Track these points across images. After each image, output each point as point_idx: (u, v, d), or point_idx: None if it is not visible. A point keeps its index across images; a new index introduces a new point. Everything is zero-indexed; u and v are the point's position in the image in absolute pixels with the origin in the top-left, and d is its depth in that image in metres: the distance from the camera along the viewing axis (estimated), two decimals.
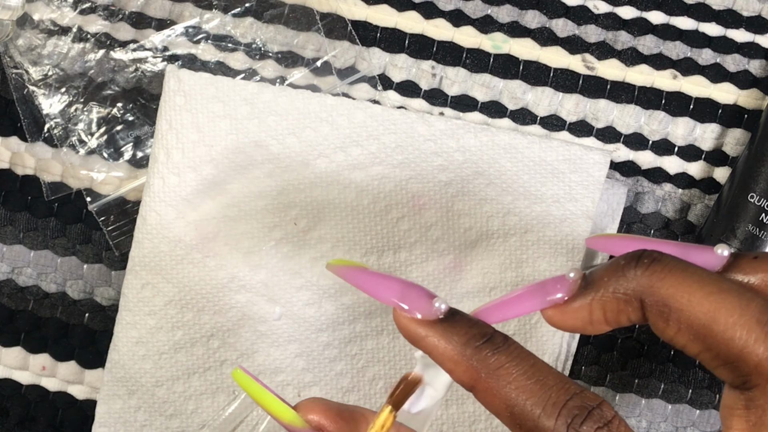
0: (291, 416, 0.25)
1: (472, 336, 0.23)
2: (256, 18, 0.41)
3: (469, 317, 0.24)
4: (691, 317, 0.22)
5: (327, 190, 0.39)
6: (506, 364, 0.23)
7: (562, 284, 0.24)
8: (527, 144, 0.39)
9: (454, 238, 0.39)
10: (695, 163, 0.41)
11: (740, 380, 0.22)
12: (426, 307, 0.24)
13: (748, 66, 0.41)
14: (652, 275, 0.23)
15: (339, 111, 0.39)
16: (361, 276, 0.25)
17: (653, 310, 0.23)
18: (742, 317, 0.22)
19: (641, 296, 0.23)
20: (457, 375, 0.24)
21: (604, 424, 0.22)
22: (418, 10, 0.41)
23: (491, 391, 0.23)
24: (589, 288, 0.24)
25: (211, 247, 0.39)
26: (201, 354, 0.39)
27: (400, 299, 0.24)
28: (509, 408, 0.22)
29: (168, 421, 0.39)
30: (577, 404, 0.22)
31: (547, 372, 0.23)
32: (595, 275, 0.24)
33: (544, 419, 0.22)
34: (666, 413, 0.41)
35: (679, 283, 0.22)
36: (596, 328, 0.24)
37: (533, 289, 0.25)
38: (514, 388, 0.22)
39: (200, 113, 0.38)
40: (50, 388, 0.41)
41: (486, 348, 0.23)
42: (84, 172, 0.40)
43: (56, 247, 0.41)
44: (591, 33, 0.41)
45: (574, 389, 0.22)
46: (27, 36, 0.40)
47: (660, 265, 0.23)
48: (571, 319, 0.24)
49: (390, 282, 0.25)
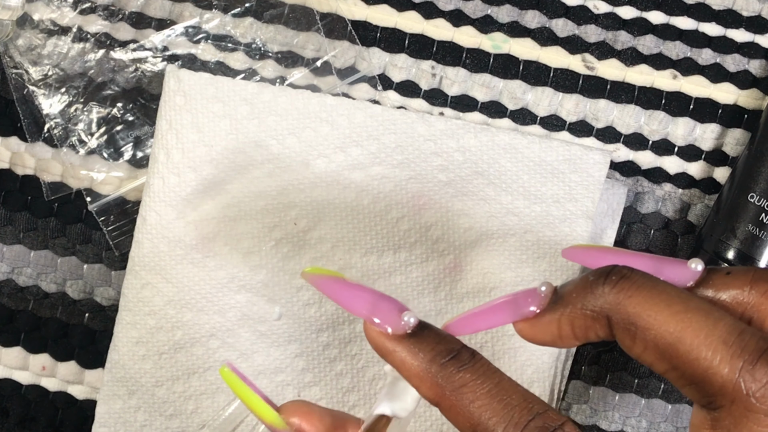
0: (273, 417, 0.25)
1: (438, 353, 0.24)
2: (256, 18, 0.41)
3: (437, 332, 0.24)
4: (657, 336, 0.22)
5: (327, 190, 0.39)
6: (470, 383, 0.23)
7: (533, 298, 0.25)
8: (527, 144, 0.39)
9: (454, 238, 0.39)
10: (695, 163, 0.41)
11: (706, 400, 0.22)
12: (395, 321, 0.24)
13: (748, 66, 0.41)
14: (620, 293, 0.23)
15: (339, 111, 0.39)
16: (333, 286, 0.25)
17: (620, 327, 0.23)
18: (708, 337, 0.21)
19: (608, 314, 0.23)
20: (422, 391, 0.24)
21: None
22: (418, 10, 0.41)
23: (455, 408, 0.23)
24: (559, 303, 0.24)
25: (211, 247, 0.39)
26: (201, 354, 0.39)
27: (371, 312, 0.24)
28: (473, 426, 0.23)
29: (168, 421, 0.39)
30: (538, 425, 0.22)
31: (512, 391, 0.23)
32: (565, 290, 0.24)
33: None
34: (666, 413, 0.41)
35: (646, 302, 0.22)
36: (566, 342, 0.24)
37: (505, 301, 0.25)
38: (477, 406, 0.23)
39: (200, 113, 0.38)
40: (50, 388, 0.41)
41: (451, 365, 0.23)
42: (84, 172, 0.40)
43: (56, 247, 0.41)
44: (591, 33, 0.41)
45: (537, 409, 0.22)
46: (27, 36, 0.40)
47: (628, 282, 0.23)
48: (540, 333, 0.24)
49: (362, 294, 0.25)
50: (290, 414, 0.25)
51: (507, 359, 0.39)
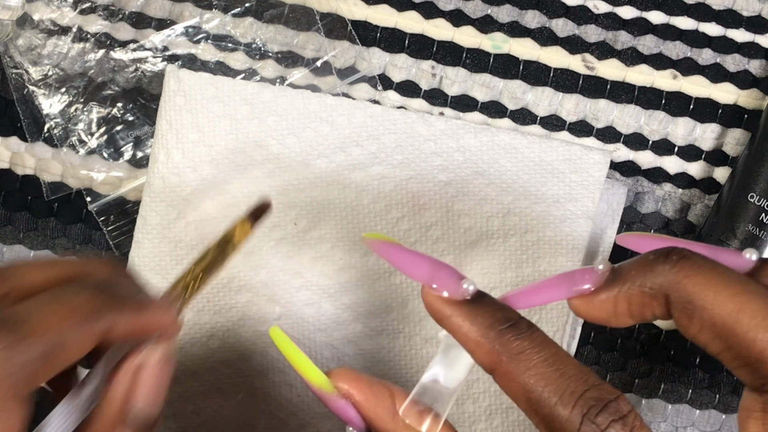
0: (322, 381, 0.25)
1: (497, 319, 0.24)
2: (256, 18, 0.41)
3: (495, 301, 0.25)
4: (715, 316, 0.22)
5: (327, 190, 0.39)
6: (528, 350, 0.23)
7: (590, 275, 0.25)
8: (527, 144, 0.39)
9: (454, 238, 0.39)
10: (695, 163, 0.41)
11: (759, 382, 0.22)
12: (454, 287, 0.24)
13: (748, 66, 0.41)
14: (680, 272, 0.23)
15: (339, 111, 0.39)
16: (394, 252, 0.26)
17: (678, 306, 0.23)
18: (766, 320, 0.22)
19: (667, 292, 0.23)
20: (478, 356, 0.24)
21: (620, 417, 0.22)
22: (418, 10, 0.41)
23: (510, 375, 0.23)
24: (617, 281, 0.24)
25: None
26: (201, 354, 0.39)
27: (431, 277, 0.25)
28: (526, 393, 0.23)
29: (168, 421, 0.39)
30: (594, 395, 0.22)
31: (568, 362, 0.23)
32: (624, 269, 0.24)
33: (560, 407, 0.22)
34: (666, 413, 0.41)
35: (706, 282, 0.22)
36: (620, 320, 0.24)
37: (561, 278, 0.25)
38: (533, 374, 0.23)
39: (200, 113, 0.38)
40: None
41: (509, 332, 0.23)
42: (84, 172, 0.40)
43: (56, 247, 0.41)
44: (591, 33, 0.41)
45: (593, 381, 0.22)
46: (27, 36, 0.40)
47: (688, 262, 0.23)
48: (596, 309, 0.24)
49: (421, 260, 0.25)
50: (339, 379, 0.25)
51: None
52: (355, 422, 0.25)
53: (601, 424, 0.21)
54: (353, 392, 0.25)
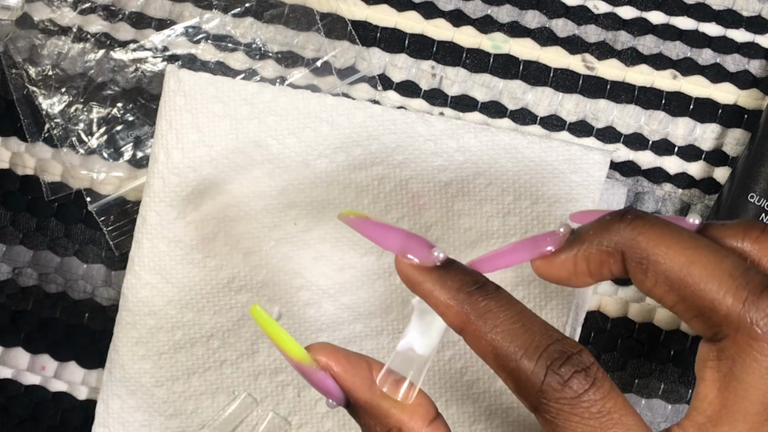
0: (302, 354, 0.26)
1: (465, 282, 0.25)
2: (256, 18, 0.41)
3: (464, 267, 0.26)
4: (668, 269, 0.23)
5: (327, 190, 0.39)
6: (494, 309, 0.24)
7: (551, 238, 0.26)
8: (527, 144, 0.39)
9: (454, 238, 0.39)
10: (695, 163, 0.41)
11: (712, 331, 0.23)
12: (425, 254, 0.26)
13: (748, 66, 0.41)
14: (634, 229, 0.24)
15: (339, 111, 0.39)
16: (367, 225, 0.27)
17: (633, 262, 0.24)
18: (716, 271, 0.23)
19: (623, 249, 0.24)
20: (448, 318, 0.25)
21: (582, 368, 0.23)
22: (418, 10, 0.41)
23: (478, 333, 0.24)
24: (576, 241, 0.25)
25: (211, 247, 0.39)
26: (201, 354, 0.39)
27: (402, 247, 0.26)
28: (494, 350, 0.24)
29: (168, 421, 0.39)
30: (557, 348, 0.23)
31: (533, 319, 0.24)
32: (583, 230, 0.25)
33: (525, 361, 0.23)
34: (666, 413, 0.41)
35: (659, 237, 0.24)
36: (580, 280, 0.26)
37: (525, 242, 0.26)
38: (499, 331, 0.24)
39: (200, 113, 0.38)
40: (50, 388, 0.41)
41: (477, 294, 0.25)
42: (84, 172, 0.40)
43: (56, 247, 0.41)
44: (591, 33, 0.41)
45: (557, 336, 0.23)
46: (27, 36, 0.40)
47: (642, 221, 0.24)
48: (556, 269, 0.26)
49: (394, 231, 0.27)
50: (317, 352, 0.26)
51: None
52: (334, 393, 0.26)
53: (564, 375, 0.22)
54: (331, 364, 0.26)
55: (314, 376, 0.26)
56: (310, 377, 0.26)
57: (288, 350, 0.26)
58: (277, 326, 0.27)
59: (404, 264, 0.26)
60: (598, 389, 0.22)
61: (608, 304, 0.41)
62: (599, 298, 0.41)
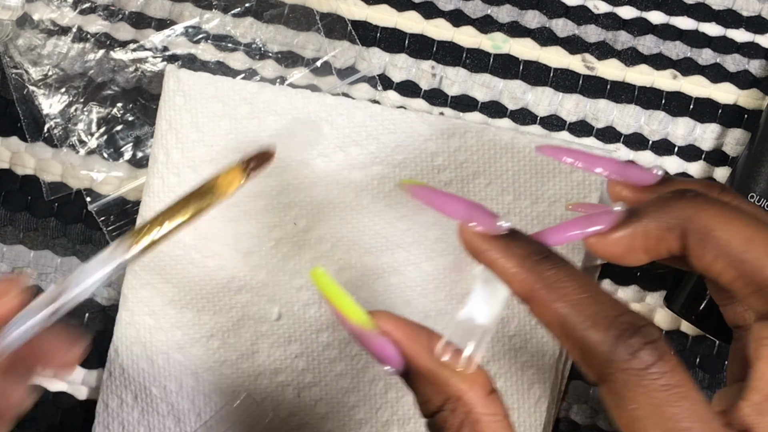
0: (364, 319, 0.26)
1: (532, 251, 0.25)
2: (256, 18, 0.41)
3: (529, 237, 0.26)
4: (728, 244, 0.23)
5: (326, 189, 0.39)
6: (562, 279, 0.24)
7: (609, 214, 0.26)
8: (527, 144, 0.39)
9: (454, 239, 0.39)
10: (695, 163, 0.41)
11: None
12: (490, 223, 0.26)
13: (748, 66, 0.41)
14: (696, 206, 0.24)
15: (338, 111, 0.39)
16: (431, 194, 0.27)
17: (694, 237, 0.24)
18: None
19: (684, 224, 0.24)
20: (514, 286, 0.25)
21: (651, 341, 0.22)
22: (418, 10, 0.41)
23: (545, 302, 0.24)
24: (635, 217, 0.25)
25: (211, 247, 0.39)
26: (201, 354, 0.39)
27: (467, 215, 0.26)
28: (561, 319, 0.23)
29: (167, 420, 0.39)
30: (627, 320, 0.23)
31: (600, 291, 0.24)
32: (641, 207, 0.26)
33: (593, 331, 0.23)
34: None
35: (720, 214, 0.24)
36: (635, 257, 0.26)
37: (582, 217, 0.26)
38: (568, 301, 0.23)
39: (200, 113, 0.38)
40: (50, 388, 0.41)
41: (544, 263, 0.24)
42: (84, 172, 0.40)
43: (56, 247, 0.41)
44: (591, 33, 0.41)
45: (625, 308, 0.23)
46: (27, 36, 0.40)
47: (702, 198, 0.24)
48: (613, 245, 0.25)
49: (458, 200, 0.26)
50: (379, 318, 0.26)
51: (508, 360, 0.39)
52: (393, 360, 0.26)
53: (634, 345, 0.22)
54: (392, 330, 0.26)
55: (375, 342, 0.26)
56: (371, 342, 0.26)
57: (350, 314, 0.26)
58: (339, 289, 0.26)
59: (469, 232, 0.26)
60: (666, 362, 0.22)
61: None
62: None
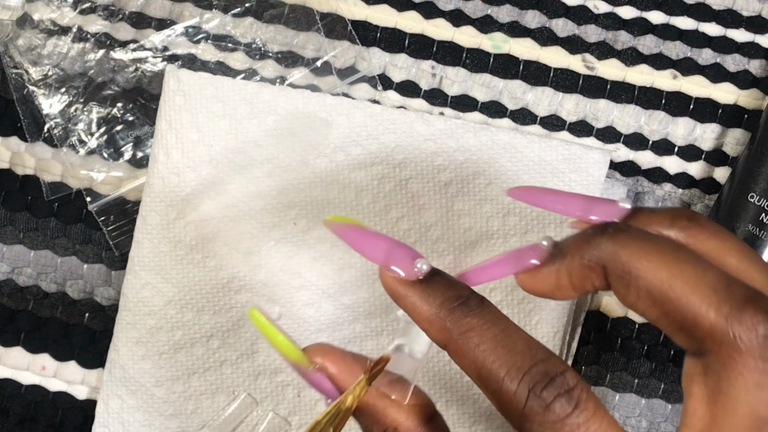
0: (298, 356, 0.27)
1: (448, 298, 0.25)
2: (256, 18, 0.41)
3: (448, 279, 0.25)
4: (649, 283, 0.23)
5: (327, 189, 0.39)
6: (476, 327, 0.24)
7: (535, 251, 0.26)
8: (527, 144, 0.39)
9: (454, 238, 0.39)
10: (695, 163, 0.41)
11: (695, 346, 0.23)
12: (409, 267, 0.25)
13: (748, 66, 0.41)
14: (616, 243, 0.24)
15: (338, 111, 0.39)
16: (352, 233, 0.26)
17: (615, 276, 0.24)
18: (698, 284, 0.22)
19: (604, 263, 0.24)
20: (431, 334, 0.25)
21: (566, 390, 0.22)
22: (418, 10, 0.41)
23: (461, 351, 0.24)
24: (559, 255, 0.25)
25: (211, 247, 0.39)
26: (201, 354, 0.39)
27: (386, 258, 0.25)
28: (477, 369, 0.23)
29: (168, 421, 0.39)
30: (540, 370, 0.23)
31: (517, 337, 0.24)
32: (565, 243, 0.25)
33: (508, 382, 0.23)
34: (666, 413, 0.41)
35: (640, 251, 0.23)
36: (563, 293, 0.25)
37: (510, 255, 0.26)
38: (482, 350, 0.23)
39: (200, 113, 0.38)
40: (50, 388, 0.41)
41: (459, 310, 0.24)
42: (84, 172, 0.40)
43: (56, 247, 0.41)
44: (591, 33, 0.41)
45: (541, 356, 0.23)
46: (27, 36, 0.40)
47: (623, 234, 0.24)
48: (540, 283, 0.25)
49: (379, 241, 0.26)
50: (314, 354, 0.27)
51: None
52: (330, 393, 0.27)
53: (547, 398, 0.22)
54: (327, 365, 0.27)
55: (311, 377, 0.27)
56: (308, 378, 0.27)
57: (286, 353, 0.27)
58: (274, 329, 0.27)
59: (388, 277, 0.25)
60: (582, 412, 0.22)
61: (608, 304, 0.41)
62: (599, 298, 0.41)
